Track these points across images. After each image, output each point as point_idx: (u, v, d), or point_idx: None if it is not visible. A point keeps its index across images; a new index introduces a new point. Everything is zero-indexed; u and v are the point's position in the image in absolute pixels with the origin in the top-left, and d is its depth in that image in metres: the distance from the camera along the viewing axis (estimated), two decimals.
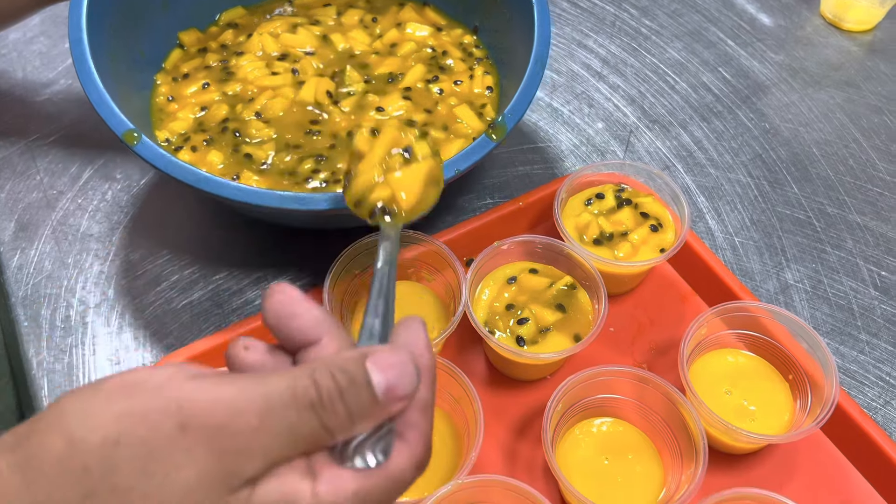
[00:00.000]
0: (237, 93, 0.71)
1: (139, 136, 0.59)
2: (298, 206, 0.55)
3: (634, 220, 0.65)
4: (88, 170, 0.77)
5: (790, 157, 0.80)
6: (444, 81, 0.71)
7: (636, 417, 0.57)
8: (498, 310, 0.60)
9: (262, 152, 0.67)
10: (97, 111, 0.60)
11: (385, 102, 0.69)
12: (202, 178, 0.57)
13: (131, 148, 0.59)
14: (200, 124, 0.69)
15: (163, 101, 0.71)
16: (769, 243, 0.73)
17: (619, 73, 0.88)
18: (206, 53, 0.74)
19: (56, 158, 0.78)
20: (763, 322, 0.59)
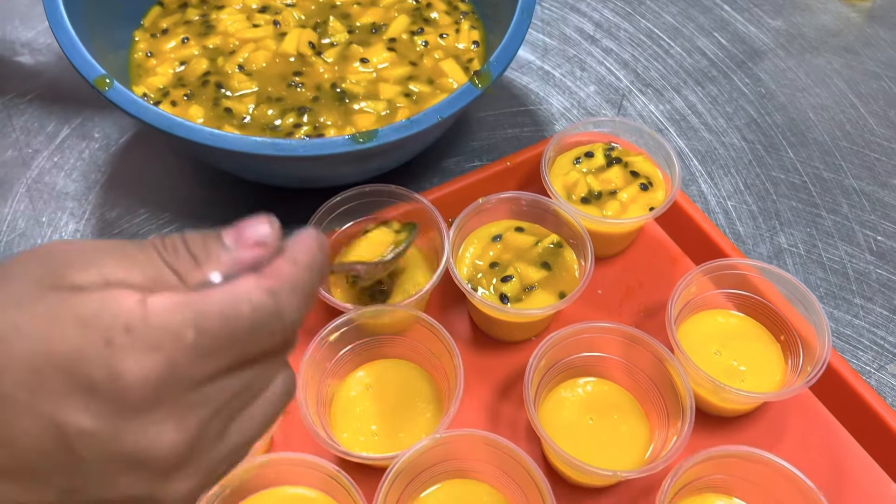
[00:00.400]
0: (218, 46, 0.69)
1: (111, 82, 0.57)
2: (274, 153, 0.53)
3: (624, 179, 0.63)
4: (65, 128, 0.75)
5: (786, 122, 0.78)
6: (430, 34, 0.69)
7: (622, 377, 0.56)
8: (482, 268, 0.58)
9: (243, 106, 0.65)
10: (68, 58, 0.58)
11: (369, 53, 0.67)
12: (175, 123, 0.55)
13: (103, 94, 0.57)
14: (180, 79, 0.67)
15: (141, 58, 0.69)
16: (763, 207, 0.71)
17: (613, 37, 0.86)
18: (186, 9, 0.72)
19: (33, 117, 0.76)
20: (753, 281, 0.57)
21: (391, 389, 0.55)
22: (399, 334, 0.56)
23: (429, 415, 0.54)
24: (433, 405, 0.55)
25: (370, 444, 0.53)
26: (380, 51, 0.67)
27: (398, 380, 0.56)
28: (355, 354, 0.55)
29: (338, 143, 0.56)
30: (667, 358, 0.53)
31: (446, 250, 0.56)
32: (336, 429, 0.53)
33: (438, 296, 0.63)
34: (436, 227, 0.58)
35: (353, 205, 0.60)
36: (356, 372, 0.56)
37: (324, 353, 0.53)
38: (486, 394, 0.58)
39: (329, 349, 0.53)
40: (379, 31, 0.70)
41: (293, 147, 0.55)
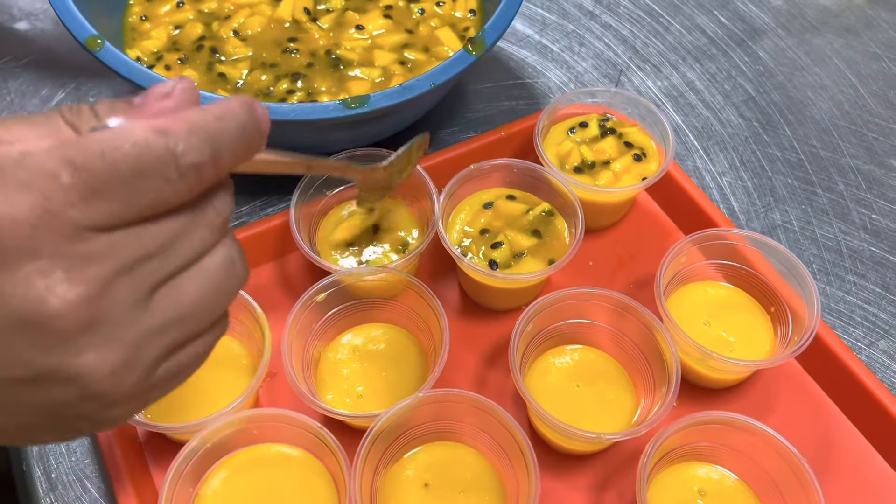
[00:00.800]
0: (213, 11, 0.68)
1: (102, 43, 0.57)
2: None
3: (618, 149, 0.63)
4: (60, 92, 0.75)
5: (784, 100, 0.78)
6: (426, 2, 0.69)
7: (609, 345, 0.55)
8: (472, 234, 0.58)
9: (237, 71, 0.64)
10: (60, 18, 0.58)
11: (365, 20, 0.66)
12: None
13: (94, 54, 0.57)
14: (174, 43, 0.67)
15: (135, 21, 0.69)
16: (758, 184, 0.71)
17: (612, 12, 0.85)
18: None
19: (28, 81, 0.76)
20: (743, 252, 0.57)
21: (378, 353, 0.55)
22: (387, 298, 0.56)
23: (416, 378, 0.54)
24: (421, 369, 0.55)
25: (355, 405, 0.53)
26: (376, 17, 0.67)
27: (386, 343, 0.56)
28: (342, 317, 0.55)
29: (329, 107, 0.56)
30: (655, 326, 0.52)
31: (436, 213, 0.56)
32: (322, 390, 0.53)
33: (428, 262, 0.63)
34: (427, 194, 0.58)
35: None
36: (343, 335, 0.56)
37: (310, 315, 0.53)
38: (474, 361, 0.58)
39: (315, 310, 0.53)
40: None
41: (283, 111, 0.54)
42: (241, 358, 0.54)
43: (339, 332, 0.56)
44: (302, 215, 0.58)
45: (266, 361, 0.50)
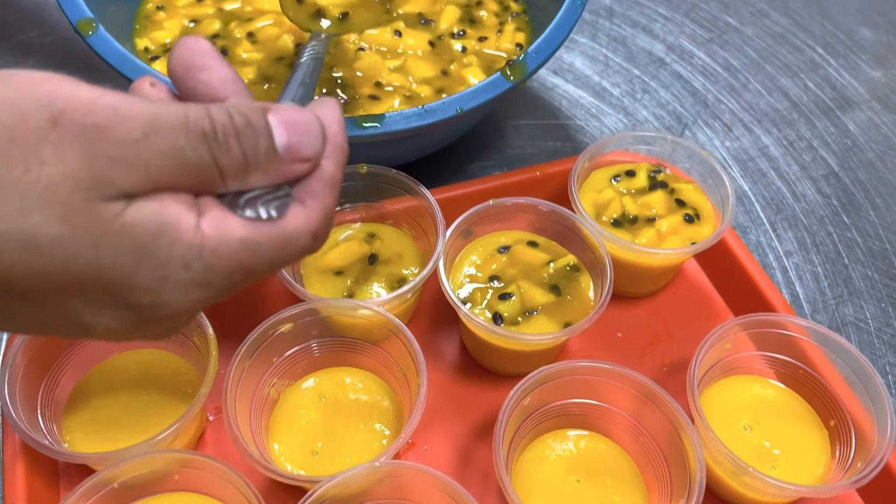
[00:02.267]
0: (234, 11, 0.63)
1: (96, 27, 0.51)
2: None
3: (667, 206, 0.53)
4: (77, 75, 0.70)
5: (872, 180, 0.67)
6: (470, 38, 0.62)
7: (624, 436, 0.46)
8: (479, 279, 0.49)
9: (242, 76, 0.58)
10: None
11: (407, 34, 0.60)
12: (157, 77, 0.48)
13: (84, 38, 0.51)
14: None
15: (151, 9, 0.64)
16: (831, 271, 0.60)
17: (685, 62, 0.77)
18: None
19: (46, 59, 0.71)
20: (803, 346, 0.47)
21: (347, 404, 0.47)
22: (368, 341, 0.47)
23: (385, 442, 0.45)
24: (394, 430, 0.46)
25: (307, 463, 0.44)
26: (421, 42, 0.60)
27: (358, 394, 0.47)
28: (311, 355, 0.47)
29: None
30: (682, 423, 0.42)
31: (438, 250, 0.47)
32: (272, 438, 0.45)
33: (430, 307, 0.55)
34: (434, 227, 0.50)
35: (345, 185, 0.52)
36: (310, 376, 0.47)
37: (270, 346, 0.45)
38: (463, 431, 0.49)
39: (278, 342, 0.45)
40: (427, 23, 0.63)
41: None
42: (187, 385, 0.46)
43: (305, 372, 0.47)
44: None
45: (204, 394, 0.42)
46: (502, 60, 0.62)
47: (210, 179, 0.28)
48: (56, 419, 0.45)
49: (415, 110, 0.50)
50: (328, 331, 0.47)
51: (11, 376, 0.42)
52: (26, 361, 0.43)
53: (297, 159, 0.29)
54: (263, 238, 0.28)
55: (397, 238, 0.53)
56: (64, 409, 0.46)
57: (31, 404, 0.43)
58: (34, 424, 0.42)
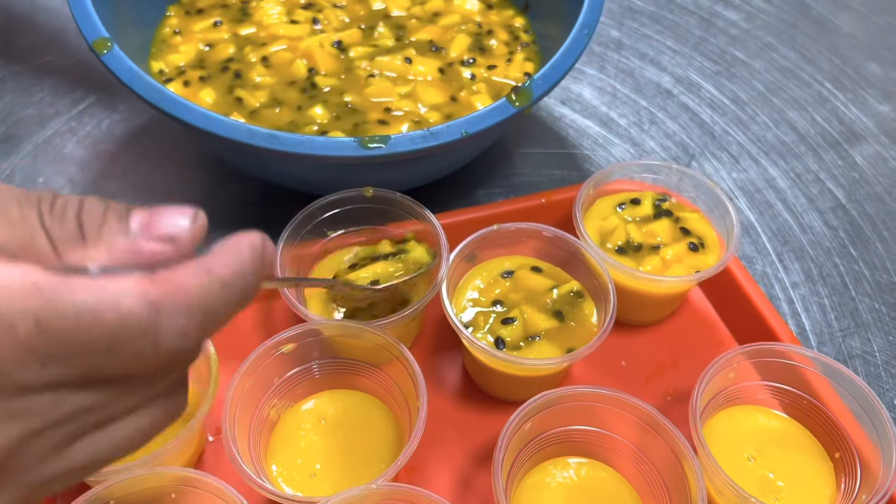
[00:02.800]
0: (249, 36, 0.64)
1: (111, 46, 0.52)
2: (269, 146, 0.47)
3: (672, 235, 0.53)
4: (92, 97, 0.72)
5: (880, 213, 0.67)
6: (479, 66, 0.63)
7: (626, 465, 0.45)
8: (482, 303, 0.49)
9: (254, 99, 0.59)
10: (73, 14, 0.54)
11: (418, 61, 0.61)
12: (168, 97, 0.50)
13: (99, 57, 0.52)
14: (201, 60, 0.63)
15: (168, 33, 0.65)
16: (838, 303, 0.60)
17: (693, 94, 0.77)
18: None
19: (64, 81, 0.73)
20: (808, 377, 0.46)
21: (347, 426, 0.46)
22: (370, 363, 0.47)
23: (384, 466, 0.45)
24: (393, 454, 0.45)
25: (305, 484, 0.44)
26: (431, 70, 0.61)
27: (358, 417, 0.47)
28: (312, 376, 0.47)
29: (343, 144, 0.49)
30: (684, 453, 0.42)
31: (441, 273, 0.48)
32: (270, 458, 0.45)
33: (432, 333, 0.55)
34: (438, 250, 0.50)
35: (350, 209, 0.52)
36: (310, 398, 0.47)
37: (271, 366, 0.45)
38: (463, 456, 0.49)
39: (279, 362, 0.45)
40: (438, 50, 0.64)
41: (292, 142, 0.48)
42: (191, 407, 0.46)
43: (305, 393, 0.47)
44: (290, 256, 0.50)
45: (204, 412, 0.42)
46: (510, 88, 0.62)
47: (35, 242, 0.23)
48: None
49: (420, 133, 0.50)
50: (329, 352, 0.47)
51: None
52: None
53: (151, 235, 0.24)
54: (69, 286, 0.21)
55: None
56: None
57: None
58: None
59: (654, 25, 0.85)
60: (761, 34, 0.85)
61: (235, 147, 0.49)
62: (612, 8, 0.86)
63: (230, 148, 0.53)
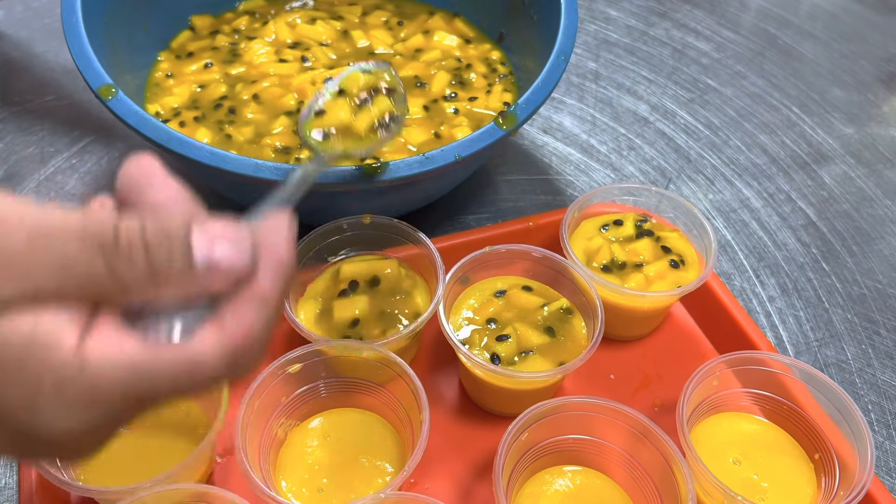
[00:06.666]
0: (240, 74, 0.67)
1: (116, 92, 0.55)
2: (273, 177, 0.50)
3: (653, 253, 0.56)
4: (91, 136, 0.74)
5: (849, 230, 0.71)
6: (461, 100, 0.66)
7: (619, 471, 0.47)
8: (477, 322, 0.52)
9: (241, 135, 0.62)
10: (76, 63, 0.57)
11: None
12: (174, 137, 0.52)
13: (105, 103, 0.55)
14: (195, 101, 0.65)
15: (161, 77, 0.68)
16: (813, 315, 0.63)
17: (668, 121, 0.81)
18: (216, 35, 0.71)
19: (64, 120, 0.75)
20: (786, 383, 0.49)
21: (352, 442, 0.48)
22: (372, 381, 0.49)
23: (389, 479, 0.47)
24: (397, 467, 0.47)
25: (314, 499, 0.46)
26: (416, 104, 0.64)
27: (362, 433, 0.49)
28: (318, 395, 0.49)
29: (344, 173, 0.52)
30: (674, 457, 0.44)
31: (438, 294, 0.50)
32: (279, 475, 0.47)
33: (428, 352, 0.57)
34: (434, 275, 0.53)
35: (349, 235, 0.55)
36: (316, 416, 0.49)
37: (279, 386, 0.47)
38: (463, 469, 0.51)
39: (287, 382, 0.47)
40: (423, 86, 0.67)
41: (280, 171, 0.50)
42: (198, 427, 0.48)
43: (311, 412, 0.49)
44: (294, 282, 0.53)
45: (215, 433, 0.44)
46: (490, 118, 0.66)
47: (107, 292, 0.25)
48: None
49: (416, 158, 0.53)
50: (334, 371, 0.49)
51: None
52: None
53: (216, 273, 0.26)
54: (161, 363, 0.25)
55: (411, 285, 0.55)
56: None
57: None
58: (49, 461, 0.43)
59: (630, 56, 0.89)
60: (731, 63, 0.90)
61: (240, 181, 0.51)
62: (588, 41, 0.91)
63: (235, 182, 0.55)
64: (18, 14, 0.86)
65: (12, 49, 0.82)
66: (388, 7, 0.75)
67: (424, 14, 0.75)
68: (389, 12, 0.74)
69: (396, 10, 0.75)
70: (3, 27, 0.85)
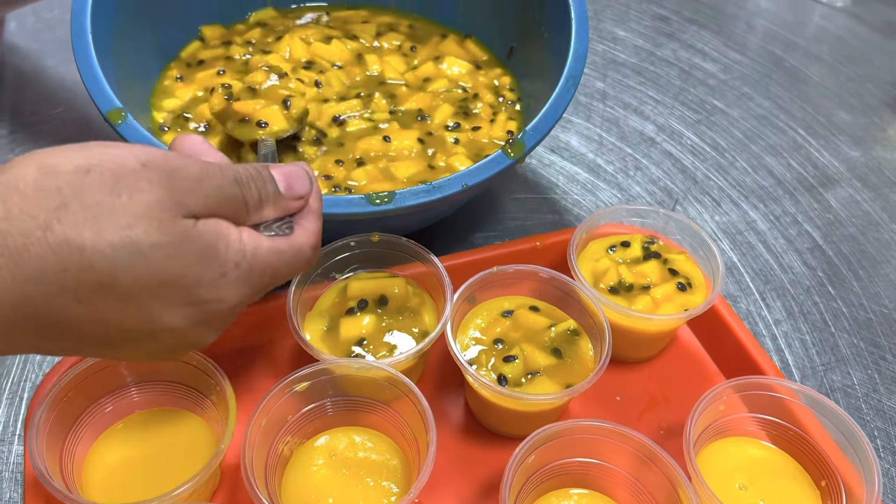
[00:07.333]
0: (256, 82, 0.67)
1: (125, 116, 0.55)
2: None
3: (661, 275, 0.57)
4: None
5: (855, 253, 0.71)
6: (464, 131, 0.66)
7: (624, 495, 0.47)
8: (484, 342, 0.52)
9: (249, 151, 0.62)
10: (86, 87, 0.57)
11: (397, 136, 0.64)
12: None
13: (115, 128, 0.55)
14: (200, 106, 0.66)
15: (170, 83, 0.68)
16: (818, 339, 0.63)
17: (675, 142, 0.81)
18: (230, 46, 0.71)
19: (74, 133, 0.75)
20: (793, 409, 0.49)
21: (358, 462, 0.48)
22: (377, 400, 0.49)
23: (394, 499, 0.47)
24: (402, 488, 0.47)
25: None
26: (410, 136, 0.64)
27: (368, 452, 0.49)
28: (324, 414, 0.49)
29: (352, 202, 0.52)
30: (680, 482, 0.44)
31: (445, 314, 0.50)
32: (285, 495, 0.46)
33: (437, 370, 0.57)
34: (442, 293, 0.53)
35: (357, 253, 0.55)
36: (322, 435, 0.49)
37: (286, 404, 0.47)
38: (469, 491, 0.51)
39: (294, 400, 0.47)
40: (424, 119, 0.67)
41: None
42: (204, 444, 0.48)
43: (317, 430, 0.49)
44: (302, 300, 0.53)
45: (223, 449, 0.43)
46: (491, 147, 0.66)
47: (241, 210, 0.39)
48: (77, 475, 0.46)
49: (423, 187, 0.53)
50: (340, 390, 0.49)
51: (38, 432, 0.43)
52: (52, 417, 0.45)
53: (294, 197, 0.41)
54: (283, 247, 0.40)
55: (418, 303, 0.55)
56: (84, 465, 0.47)
57: (54, 459, 0.45)
58: (56, 479, 0.43)
59: (637, 77, 0.89)
60: (738, 84, 0.90)
61: None
62: (595, 60, 0.91)
63: None
64: (30, 26, 0.87)
65: (23, 61, 0.83)
66: (401, 27, 0.76)
67: (437, 36, 0.75)
68: (403, 34, 0.75)
69: (410, 30, 0.76)
70: (15, 39, 0.85)
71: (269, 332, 0.57)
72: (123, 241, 0.33)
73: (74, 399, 0.46)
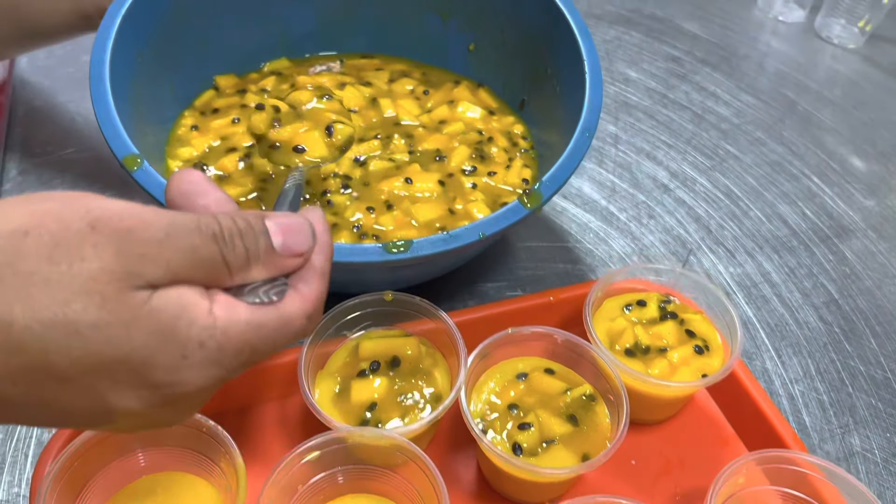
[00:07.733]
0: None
1: (141, 162, 0.54)
2: None
3: (677, 337, 0.56)
4: (113, 189, 0.73)
5: (872, 308, 0.70)
6: (480, 174, 0.66)
7: None
8: (498, 407, 0.51)
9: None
10: (102, 131, 0.56)
11: (418, 178, 0.63)
12: None
13: (131, 174, 0.54)
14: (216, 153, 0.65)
15: (185, 132, 0.68)
16: (836, 399, 0.62)
17: (688, 189, 0.81)
18: (244, 94, 0.71)
19: (85, 173, 0.75)
20: (815, 484, 0.48)
21: None
22: (384, 466, 0.48)
23: None
24: None
25: None
26: (429, 179, 0.64)
27: None
28: (334, 482, 0.48)
29: (368, 250, 0.51)
30: None
31: (460, 379, 0.49)
32: None
33: (448, 432, 0.56)
34: (455, 352, 0.52)
35: (370, 311, 0.54)
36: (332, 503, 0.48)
37: (297, 474, 0.46)
38: None
39: (305, 470, 0.46)
40: (442, 159, 0.67)
41: None
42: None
43: (327, 498, 0.48)
44: (315, 356, 0.52)
45: None
46: (508, 194, 0.65)
47: (220, 273, 0.32)
48: None
49: (440, 236, 0.52)
50: (352, 458, 0.48)
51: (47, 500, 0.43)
52: (61, 484, 0.44)
53: (291, 255, 0.35)
54: (266, 319, 0.33)
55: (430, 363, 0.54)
56: None
57: None
58: None
59: (649, 120, 0.89)
60: (751, 129, 0.90)
61: None
62: (608, 103, 0.91)
63: None
64: (41, 62, 0.87)
65: (35, 97, 0.83)
66: (414, 74, 0.75)
67: (450, 83, 0.75)
68: (416, 80, 0.74)
69: (423, 77, 0.75)
70: (27, 75, 0.85)
71: (280, 388, 0.56)
72: (57, 319, 0.28)
73: (80, 468, 0.45)
